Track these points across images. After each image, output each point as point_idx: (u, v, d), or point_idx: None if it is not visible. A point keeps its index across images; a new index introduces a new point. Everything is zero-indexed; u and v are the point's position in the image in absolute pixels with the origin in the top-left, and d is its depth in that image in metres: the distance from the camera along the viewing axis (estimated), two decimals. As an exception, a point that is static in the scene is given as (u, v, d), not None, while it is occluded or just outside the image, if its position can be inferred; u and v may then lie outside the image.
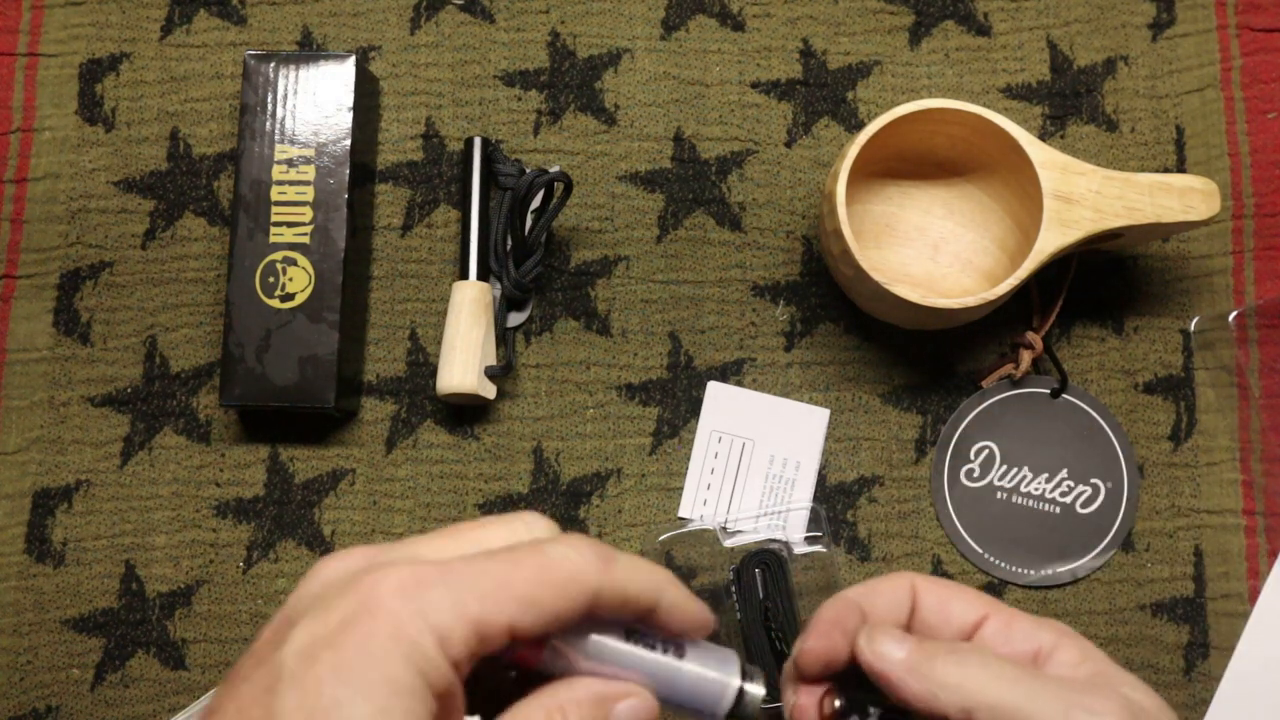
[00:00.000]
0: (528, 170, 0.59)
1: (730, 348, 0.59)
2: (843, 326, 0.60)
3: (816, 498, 0.58)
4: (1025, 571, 0.57)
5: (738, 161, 0.61)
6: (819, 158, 0.61)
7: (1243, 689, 0.56)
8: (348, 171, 0.57)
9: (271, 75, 0.57)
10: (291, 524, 0.58)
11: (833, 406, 0.59)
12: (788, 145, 0.61)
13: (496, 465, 0.58)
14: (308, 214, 0.56)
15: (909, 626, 0.36)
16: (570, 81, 0.61)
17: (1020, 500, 0.58)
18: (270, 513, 0.58)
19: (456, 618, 0.27)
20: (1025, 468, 0.58)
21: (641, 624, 0.31)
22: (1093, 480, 0.58)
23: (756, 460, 0.58)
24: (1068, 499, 0.58)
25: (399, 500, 0.58)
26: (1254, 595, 0.57)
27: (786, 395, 0.59)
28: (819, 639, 0.34)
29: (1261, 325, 0.59)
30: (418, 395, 0.59)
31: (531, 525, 0.31)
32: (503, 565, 0.28)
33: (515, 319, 0.59)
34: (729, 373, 0.59)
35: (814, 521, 0.58)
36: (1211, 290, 0.60)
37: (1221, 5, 0.62)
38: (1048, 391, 0.59)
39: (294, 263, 0.56)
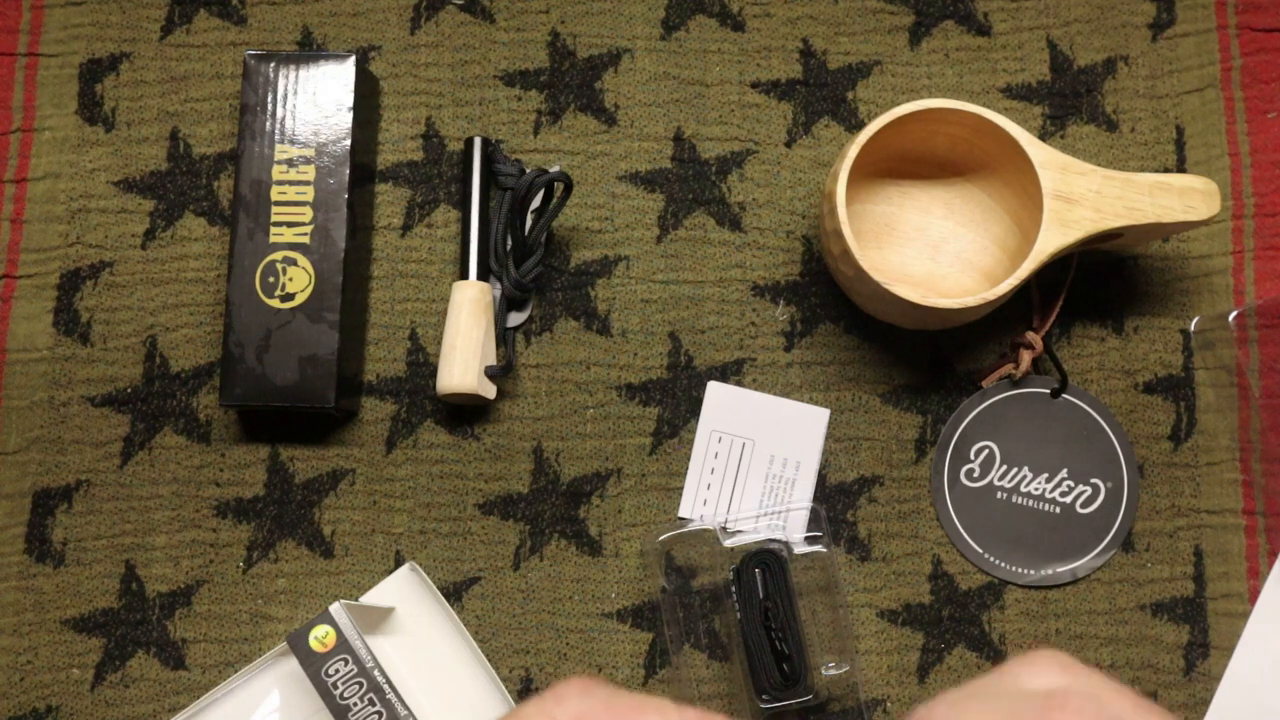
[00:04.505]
0: (528, 170, 0.59)
1: (730, 348, 0.59)
2: (843, 326, 0.60)
3: (816, 498, 0.58)
4: (1025, 571, 0.57)
5: (738, 161, 0.61)
6: (819, 158, 0.61)
7: (1243, 689, 0.56)
8: (348, 171, 0.57)
9: (271, 75, 0.57)
10: (291, 524, 0.58)
11: (833, 406, 0.59)
12: (788, 145, 0.61)
13: (496, 465, 0.58)
14: (308, 214, 0.56)
15: None
16: (570, 81, 0.61)
17: (1020, 500, 0.58)
18: (270, 513, 0.58)
19: None
20: (1025, 468, 0.58)
21: None
22: (1093, 480, 0.58)
23: (756, 460, 0.58)
24: (1068, 499, 0.58)
25: (399, 500, 0.58)
26: (1254, 595, 0.57)
27: (786, 395, 0.59)
28: None
29: (1261, 325, 0.59)
30: (418, 395, 0.59)
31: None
32: None
33: (515, 319, 0.59)
34: (729, 373, 0.59)
35: (814, 521, 0.58)
36: (1211, 290, 0.60)
37: (1221, 5, 0.62)
38: (1048, 391, 0.59)
39: (294, 263, 0.56)
